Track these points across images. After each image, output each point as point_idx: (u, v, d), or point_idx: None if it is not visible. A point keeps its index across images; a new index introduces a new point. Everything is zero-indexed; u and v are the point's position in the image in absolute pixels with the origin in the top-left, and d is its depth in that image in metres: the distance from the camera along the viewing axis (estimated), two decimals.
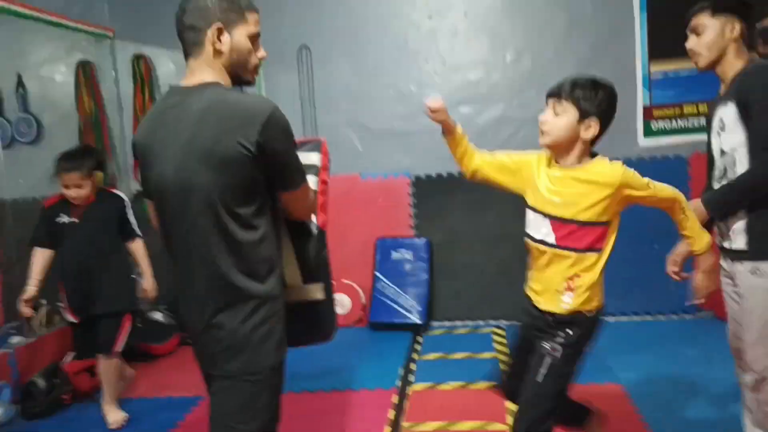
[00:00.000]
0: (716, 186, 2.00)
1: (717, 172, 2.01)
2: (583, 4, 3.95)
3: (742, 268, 1.91)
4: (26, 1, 3.58)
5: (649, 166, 3.91)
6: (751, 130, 1.84)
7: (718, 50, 1.93)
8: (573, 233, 1.72)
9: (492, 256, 4.09)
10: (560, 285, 1.75)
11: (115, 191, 3.10)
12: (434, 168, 4.18)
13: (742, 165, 1.88)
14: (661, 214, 1.78)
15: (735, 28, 1.91)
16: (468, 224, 4.14)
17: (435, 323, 4.19)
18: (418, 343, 3.81)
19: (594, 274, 1.74)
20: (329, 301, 1.71)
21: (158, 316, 3.93)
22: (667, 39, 3.84)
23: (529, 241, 1.84)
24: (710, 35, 1.93)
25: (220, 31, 1.44)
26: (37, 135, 4.57)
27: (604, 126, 1.72)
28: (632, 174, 1.71)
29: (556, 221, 1.75)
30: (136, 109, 4.39)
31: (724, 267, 2.03)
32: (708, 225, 2.02)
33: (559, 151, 1.76)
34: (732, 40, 1.91)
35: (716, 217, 1.95)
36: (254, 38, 1.51)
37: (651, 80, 3.94)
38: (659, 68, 3.92)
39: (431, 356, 3.56)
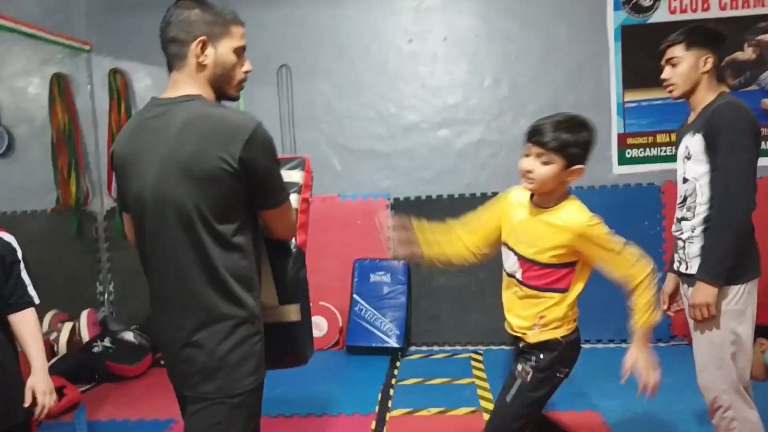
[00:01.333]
0: (678, 213, 2.07)
1: (678, 198, 2.09)
2: (559, 32, 4.03)
3: (690, 291, 1.99)
4: (1, 11, 3.52)
5: (623, 193, 3.98)
6: (713, 164, 1.91)
7: (692, 82, 2.00)
8: (535, 272, 1.76)
9: (470, 279, 4.09)
10: (529, 319, 1.79)
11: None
12: (413, 190, 4.19)
13: (701, 195, 1.96)
14: (637, 240, 1.78)
15: (708, 60, 1.98)
16: None
17: (413, 348, 4.16)
18: (396, 367, 3.76)
19: (560, 311, 1.76)
20: (306, 323, 1.67)
21: (130, 336, 3.83)
22: (640, 68, 3.96)
23: (504, 271, 1.89)
24: (685, 67, 2.00)
25: (203, 45, 1.42)
26: (9, 147, 4.47)
27: (585, 165, 1.73)
28: (598, 228, 1.69)
29: (522, 259, 1.78)
30: (112, 124, 4.32)
31: (683, 293, 2.08)
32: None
33: (542, 194, 1.76)
34: (705, 72, 1.99)
35: (725, 281, 1.91)
36: (239, 52, 1.48)
37: (625, 108, 4.03)
38: (633, 97, 4.01)
39: (409, 381, 3.51)
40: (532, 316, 1.78)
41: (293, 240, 1.63)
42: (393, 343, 3.95)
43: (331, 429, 2.92)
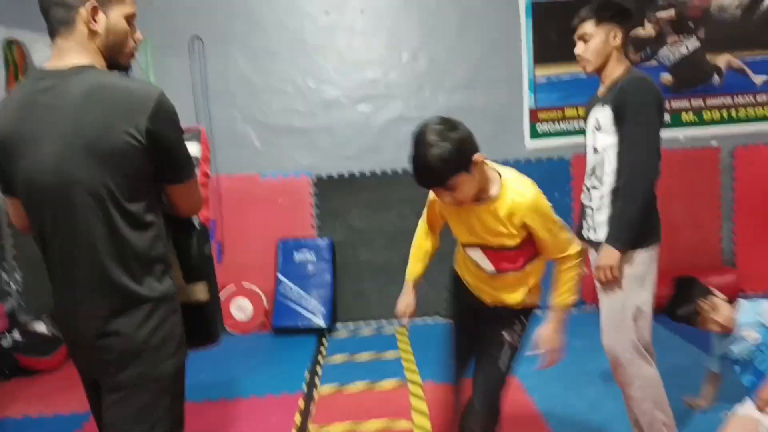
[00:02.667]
0: (587, 182, 2.18)
1: (588, 168, 2.20)
2: (475, 7, 4.09)
3: (596, 254, 2.11)
4: None
5: (535, 167, 4.15)
6: (621, 134, 2.02)
7: (603, 56, 2.10)
8: (510, 256, 1.78)
9: (393, 254, 4.14)
10: (520, 292, 1.84)
11: None
12: (335, 167, 4.17)
13: (609, 164, 2.07)
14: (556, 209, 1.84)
15: (617, 35, 2.08)
16: (369, 223, 4.18)
17: (339, 325, 4.19)
18: (324, 346, 3.79)
19: (538, 274, 1.86)
20: (215, 301, 1.62)
21: (41, 327, 3.62)
22: (550, 44, 4.10)
23: (476, 267, 1.88)
24: (596, 42, 2.09)
25: (95, 11, 1.33)
26: None
27: (479, 151, 1.66)
28: (544, 201, 1.72)
29: (489, 250, 1.79)
30: None
31: (591, 258, 2.20)
32: (578, 228, 2.21)
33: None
34: (614, 47, 2.09)
35: (630, 246, 2.02)
36: (130, 19, 1.41)
37: (536, 84, 4.17)
38: (543, 72, 4.15)
39: (337, 358, 3.55)
40: (522, 290, 1.84)
41: (196, 216, 1.57)
42: (320, 321, 3.97)
43: (259, 410, 2.91)
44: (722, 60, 4.17)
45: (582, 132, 2.27)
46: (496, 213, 1.70)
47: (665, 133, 2.09)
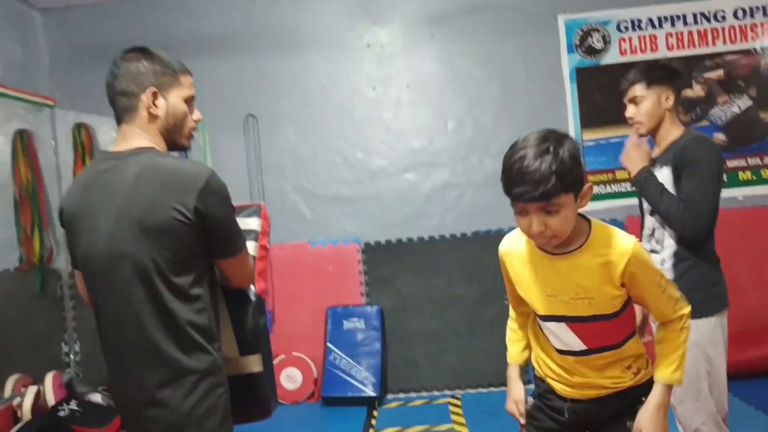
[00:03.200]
0: (645, 245, 2.11)
1: (646, 231, 2.14)
2: (518, 74, 4.16)
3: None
4: None
5: None
6: (680, 195, 1.97)
7: (656, 119, 2.08)
8: (604, 328, 1.41)
9: (443, 321, 4.08)
10: (616, 378, 1.45)
11: None
12: (382, 234, 4.21)
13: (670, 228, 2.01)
14: None
15: (669, 97, 2.07)
16: (418, 289, 4.15)
17: (390, 395, 4.10)
18: (374, 417, 3.70)
19: (638, 348, 1.48)
20: (269, 373, 1.62)
21: (97, 397, 3.69)
22: (596, 108, 4.11)
23: (553, 350, 1.50)
24: (648, 105, 2.06)
25: (155, 95, 1.43)
26: None
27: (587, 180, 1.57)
28: (644, 252, 1.40)
29: (578, 322, 1.41)
30: None
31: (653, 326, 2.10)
32: None
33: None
34: (667, 108, 2.07)
35: (636, 182, 2.09)
36: (189, 101, 1.50)
37: (584, 147, 4.16)
38: (590, 136, 4.14)
39: (389, 430, 3.45)
40: (618, 374, 1.44)
41: (252, 288, 1.60)
42: (369, 391, 3.89)
43: None
44: None
45: (635, 193, 2.23)
46: (589, 265, 1.35)
47: (723, 193, 2.03)
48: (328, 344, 4.06)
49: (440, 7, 4.20)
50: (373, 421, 3.62)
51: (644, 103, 2.06)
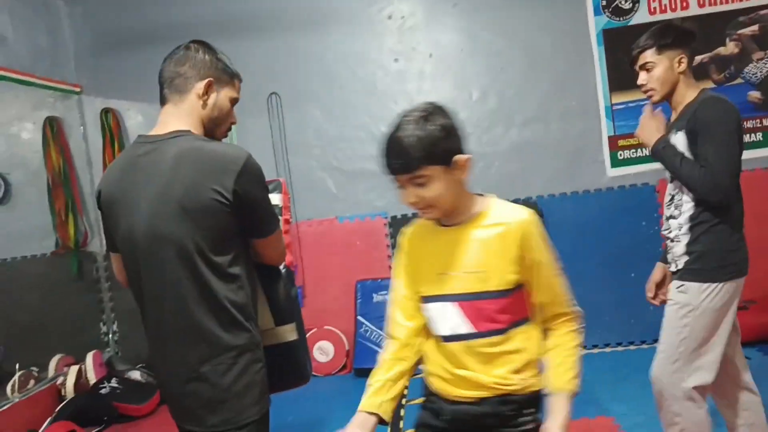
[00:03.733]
0: (666, 212, 2.07)
1: (666, 198, 2.08)
2: (543, 41, 4.07)
3: (671, 285, 2.02)
4: None
5: (619, 195, 4.00)
6: (695, 156, 1.91)
7: (670, 84, 1.99)
8: (491, 307, 1.31)
9: None
10: (496, 364, 1.33)
11: None
12: (409, 208, 4.19)
13: (687, 192, 1.96)
14: (635, 241, 1.76)
15: (682, 60, 1.97)
16: None
17: (421, 365, 4.12)
18: (406, 387, 3.73)
19: (535, 348, 1.36)
20: (303, 341, 1.67)
21: (136, 375, 3.81)
22: (625, 70, 3.98)
23: (438, 340, 1.40)
24: (660, 71, 1.98)
25: (210, 86, 1.47)
26: (5, 194, 4.48)
27: (465, 152, 1.34)
28: (541, 228, 1.33)
29: (466, 300, 1.33)
30: (106, 163, 4.35)
31: (671, 294, 2.06)
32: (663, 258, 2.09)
33: (450, 213, 1.36)
34: (681, 72, 1.98)
35: (653, 153, 2.04)
36: (234, 102, 1.55)
37: (614, 111, 4.06)
38: (620, 99, 4.04)
39: (420, 400, 3.47)
40: (504, 374, 1.32)
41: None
42: None
43: None
44: None
45: None
46: (484, 236, 1.31)
47: (755, 153, 1.96)
48: (359, 317, 4.10)
49: None
50: (405, 391, 3.65)
51: (656, 69, 1.98)
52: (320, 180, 4.27)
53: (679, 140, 1.96)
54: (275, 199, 1.69)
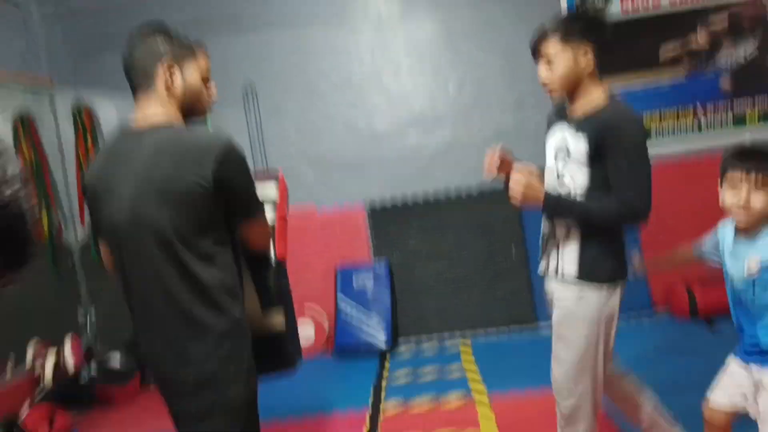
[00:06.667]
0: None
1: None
2: (518, 33, 4.10)
3: (569, 294, 1.81)
4: None
5: None
6: (597, 171, 1.73)
7: (573, 81, 1.76)
8: None
9: (451, 271, 4.14)
10: None
11: None
12: (389, 195, 4.25)
13: (576, 198, 1.79)
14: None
15: (589, 55, 1.74)
16: (425, 245, 4.21)
17: (402, 339, 4.19)
18: (386, 365, 3.81)
19: None
20: (292, 330, 1.70)
21: (116, 358, 3.80)
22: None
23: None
24: (563, 66, 1.74)
25: (171, 68, 1.46)
26: None
27: None
28: None
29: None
30: (80, 156, 4.31)
31: (556, 298, 1.90)
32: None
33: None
34: (586, 67, 1.75)
35: (547, 211, 1.81)
36: (205, 74, 1.55)
37: None
38: None
39: (401, 374, 3.57)
40: None
41: (272, 252, 1.68)
42: (381, 339, 4.00)
43: (325, 426, 2.97)
44: None
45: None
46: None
47: (734, 132, 1.91)
48: (339, 302, 4.16)
49: None
50: (387, 364, 3.74)
51: (558, 62, 1.74)
52: (298, 170, 4.29)
53: (580, 144, 1.75)
54: (270, 190, 1.71)
